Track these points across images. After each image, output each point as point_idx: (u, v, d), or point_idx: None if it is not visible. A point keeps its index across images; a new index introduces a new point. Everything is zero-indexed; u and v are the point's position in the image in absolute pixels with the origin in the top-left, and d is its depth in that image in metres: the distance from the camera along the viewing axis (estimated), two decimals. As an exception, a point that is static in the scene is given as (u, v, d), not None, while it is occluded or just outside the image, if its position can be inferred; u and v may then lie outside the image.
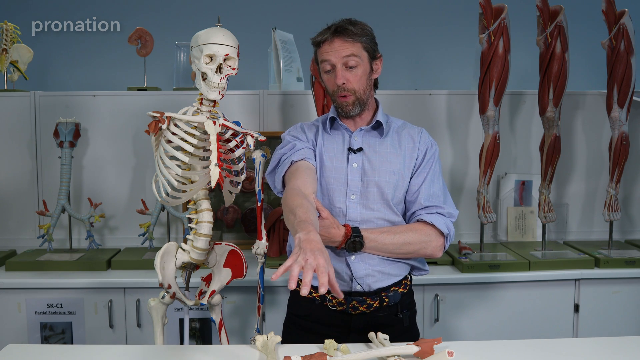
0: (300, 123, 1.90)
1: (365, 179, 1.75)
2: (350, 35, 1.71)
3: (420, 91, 3.03)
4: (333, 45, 1.71)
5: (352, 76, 1.72)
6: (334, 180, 1.76)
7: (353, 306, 1.74)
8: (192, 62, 1.78)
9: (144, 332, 2.51)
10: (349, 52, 1.70)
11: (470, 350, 1.59)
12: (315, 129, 1.85)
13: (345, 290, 1.74)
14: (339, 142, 1.80)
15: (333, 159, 1.78)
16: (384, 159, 1.76)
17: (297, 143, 1.79)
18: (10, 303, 2.49)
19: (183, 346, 1.87)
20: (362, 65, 1.73)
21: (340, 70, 1.71)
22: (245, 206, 2.95)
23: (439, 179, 1.80)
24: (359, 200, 1.74)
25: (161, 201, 1.82)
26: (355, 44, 1.71)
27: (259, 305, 2.02)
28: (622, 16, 2.62)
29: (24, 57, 2.97)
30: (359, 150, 1.77)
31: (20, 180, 2.92)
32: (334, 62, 1.72)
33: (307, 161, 1.76)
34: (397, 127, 1.84)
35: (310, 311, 1.80)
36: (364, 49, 1.73)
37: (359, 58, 1.72)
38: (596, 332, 2.60)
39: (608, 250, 2.78)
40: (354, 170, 1.75)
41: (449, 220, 1.75)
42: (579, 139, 3.07)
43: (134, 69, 3.22)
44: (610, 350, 1.61)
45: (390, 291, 1.77)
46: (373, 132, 1.81)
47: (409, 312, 1.82)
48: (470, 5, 2.89)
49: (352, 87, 1.73)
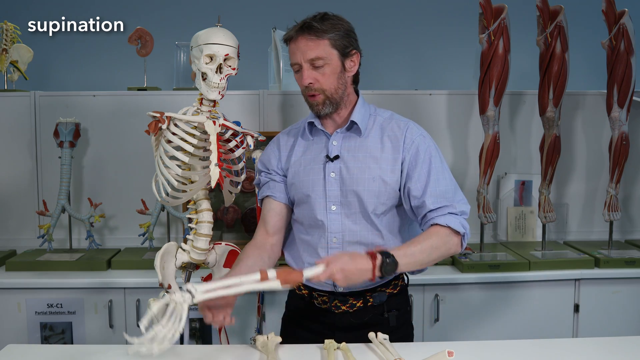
0: (279, 134, 1.84)
1: (344, 188, 1.66)
2: (315, 32, 1.61)
3: (420, 91, 3.03)
4: (297, 44, 1.64)
5: (320, 75, 1.64)
6: (312, 191, 1.69)
7: (335, 305, 1.71)
8: (192, 62, 1.78)
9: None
10: (313, 54, 1.62)
11: (470, 350, 1.59)
12: (294, 138, 1.78)
13: (328, 290, 1.72)
14: (318, 148, 1.73)
15: (309, 172, 1.70)
16: (363, 165, 1.66)
17: (260, 177, 1.81)
18: (10, 303, 2.49)
19: (183, 346, 1.87)
20: (330, 65, 1.63)
21: (306, 70, 1.63)
22: (245, 206, 2.95)
23: (444, 174, 1.67)
24: (341, 211, 1.67)
25: (161, 201, 1.82)
26: (320, 42, 1.62)
27: (259, 305, 2.02)
28: (622, 16, 2.62)
29: (24, 57, 2.97)
30: (336, 158, 1.68)
31: (20, 180, 2.92)
32: (299, 61, 1.64)
33: (271, 199, 1.77)
34: (382, 121, 1.72)
35: (300, 307, 1.79)
36: (332, 47, 1.63)
37: (325, 58, 1.62)
38: (596, 332, 2.60)
39: (608, 250, 2.78)
40: (331, 180, 1.67)
41: (462, 218, 1.66)
42: (579, 139, 3.07)
43: (134, 69, 3.21)
44: (610, 350, 1.61)
45: (376, 291, 1.72)
46: (351, 134, 1.71)
47: (397, 312, 1.75)
48: (470, 5, 2.89)
49: (319, 86, 1.64)
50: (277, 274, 1.42)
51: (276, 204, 1.77)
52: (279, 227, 1.77)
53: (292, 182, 1.74)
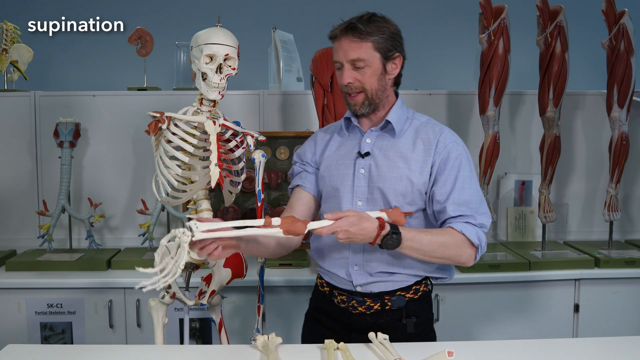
0: (317, 131, 1.88)
1: (371, 185, 1.68)
2: (359, 34, 1.61)
3: (420, 91, 3.03)
4: (341, 44, 1.64)
5: (360, 76, 1.64)
6: (341, 185, 1.71)
7: (353, 305, 1.72)
8: (192, 62, 1.78)
9: (144, 332, 2.51)
10: (354, 55, 1.62)
11: (470, 350, 1.59)
12: (330, 135, 1.82)
13: (347, 290, 1.73)
14: (351, 145, 1.75)
15: (340, 166, 1.73)
16: (392, 164, 1.67)
17: (295, 167, 1.85)
18: (10, 303, 2.49)
19: (183, 346, 1.87)
20: (371, 67, 1.64)
21: (346, 69, 1.64)
22: (245, 206, 2.95)
23: (471, 184, 1.65)
24: (366, 207, 1.68)
25: (161, 201, 1.82)
26: (363, 45, 1.62)
27: (259, 305, 2.02)
28: (622, 16, 2.62)
29: (24, 57, 2.97)
30: (367, 155, 1.70)
31: (20, 180, 2.92)
32: (341, 60, 1.65)
33: (301, 188, 1.81)
34: (419, 125, 1.73)
35: (321, 304, 1.81)
36: (374, 49, 1.63)
37: (366, 60, 1.63)
38: (596, 332, 2.60)
39: (608, 250, 2.78)
40: (360, 175, 1.69)
41: (480, 231, 1.64)
42: (579, 139, 3.07)
43: (134, 69, 3.21)
44: (610, 350, 1.61)
45: (394, 295, 1.71)
46: (385, 133, 1.72)
47: (416, 319, 1.72)
48: (470, 5, 2.89)
49: (359, 85, 1.65)
50: (281, 222, 1.42)
51: (305, 193, 1.81)
52: (304, 217, 1.76)
53: (323, 174, 1.77)
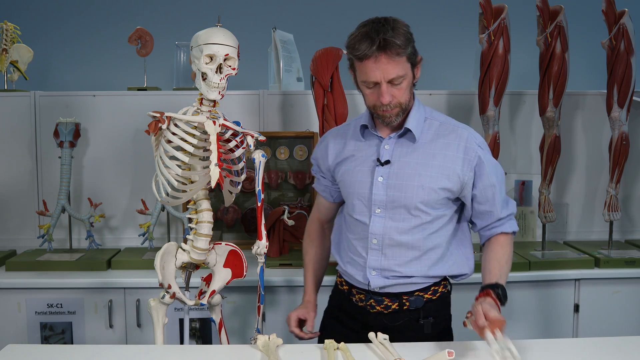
0: (327, 136, 1.84)
1: (390, 193, 1.65)
2: (397, 51, 1.54)
3: (420, 91, 3.02)
4: (379, 64, 1.55)
5: (396, 91, 1.60)
6: (359, 192, 1.70)
7: (370, 304, 1.72)
8: (192, 62, 1.78)
9: (144, 332, 2.51)
10: (394, 73, 1.56)
11: (470, 351, 1.59)
12: (345, 140, 1.77)
13: (365, 289, 1.73)
14: (370, 151, 1.71)
15: (358, 173, 1.70)
16: (413, 172, 1.65)
17: (313, 168, 1.92)
18: (10, 303, 2.49)
19: (183, 346, 1.87)
20: (407, 79, 1.61)
21: (385, 88, 1.58)
22: (245, 206, 2.95)
23: (501, 178, 1.73)
24: (385, 214, 1.67)
25: (161, 201, 1.82)
26: (401, 61, 1.56)
27: (259, 305, 2.02)
28: (622, 16, 2.62)
29: (24, 57, 2.97)
30: (387, 163, 1.67)
31: (20, 180, 2.92)
32: (379, 80, 1.57)
33: (320, 195, 1.91)
34: (438, 126, 1.70)
35: (341, 302, 1.83)
36: (407, 61, 1.59)
37: (404, 75, 1.59)
38: (596, 332, 2.60)
39: (608, 250, 2.78)
40: (378, 184, 1.66)
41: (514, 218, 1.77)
42: (579, 139, 3.07)
43: (134, 69, 3.21)
44: (610, 350, 1.61)
45: (412, 295, 1.71)
46: (404, 139, 1.69)
47: (433, 320, 1.73)
48: (470, 5, 2.89)
49: (397, 101, 1.61)
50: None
51: (322, 199, 1.93)
52: (329, 218, 1.95)
53: (340, 179, 1.77)
